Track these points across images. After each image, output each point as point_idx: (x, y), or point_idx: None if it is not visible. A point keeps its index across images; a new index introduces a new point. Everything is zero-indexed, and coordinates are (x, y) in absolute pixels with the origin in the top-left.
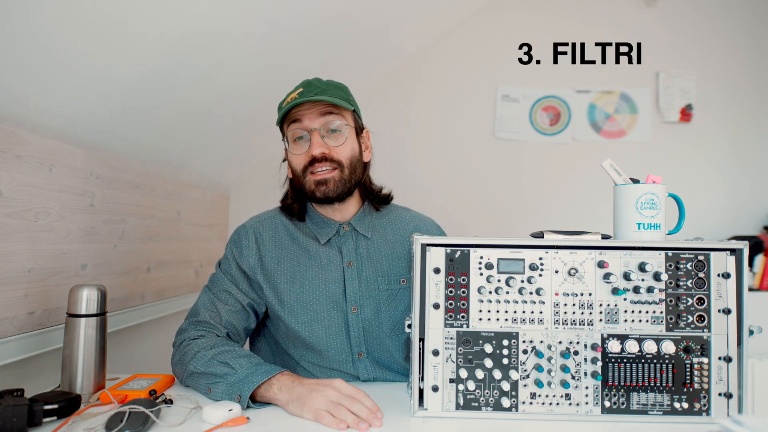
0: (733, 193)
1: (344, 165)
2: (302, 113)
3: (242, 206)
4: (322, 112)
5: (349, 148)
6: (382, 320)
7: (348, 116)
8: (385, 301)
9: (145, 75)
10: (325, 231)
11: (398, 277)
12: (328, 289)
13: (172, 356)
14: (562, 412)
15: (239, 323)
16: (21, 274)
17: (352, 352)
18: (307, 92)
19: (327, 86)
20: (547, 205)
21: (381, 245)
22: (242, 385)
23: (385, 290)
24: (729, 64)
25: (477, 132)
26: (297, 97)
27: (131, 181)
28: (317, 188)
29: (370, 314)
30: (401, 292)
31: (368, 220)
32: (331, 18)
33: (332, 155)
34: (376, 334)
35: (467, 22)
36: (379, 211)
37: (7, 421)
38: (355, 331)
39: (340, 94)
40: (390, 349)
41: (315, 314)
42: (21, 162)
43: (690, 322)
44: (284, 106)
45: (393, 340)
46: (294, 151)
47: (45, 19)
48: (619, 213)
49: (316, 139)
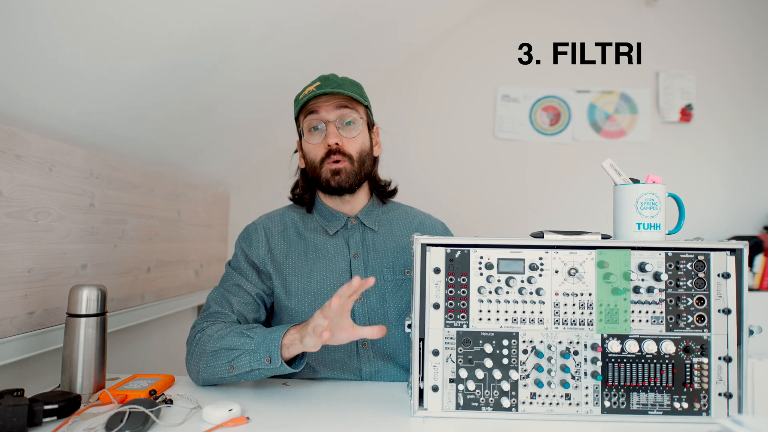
0: (733, 193)
1: (354, 158)
2: (319, 105)
3: (242, 206)
4: (338, 105)
5: (360, 141)
6: (387, 310)
7: (362, 111)
8: (390, 291)
9: (145, 75)
10: (334, 223)
11: (403, 268)
12: (335, 279)
13: (186, 354)
14: (562, 412)
15: (249, 314)
16: (21, 274)
17: (357, 342)
18: (325, 85)
19: (343, 81)
20: (547, 205)
21: (387, 238)
22: (268, 344)
23: (390, 280)
24: (729, 64)
25: (477, 132)
26: (314, 90)
27: (131, 181)
28: (332, 178)
29: (375, 304)
30: (406, 282)
31: (375, 214)
32: (331, 19)
33: (344, 148)
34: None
35: (467, 22)
36: (385, 204)
37: (7, 421)
38: (360, 321)
39: (355, 89)
40: (395, 339)
41: (320, 304)
42: (21, 162)
43: (690, 322)
44: (302, 99)
45: (398, 330)
46: (310, 141)
47: (45, 19)
48: (619, 213)
49: (332, 130)
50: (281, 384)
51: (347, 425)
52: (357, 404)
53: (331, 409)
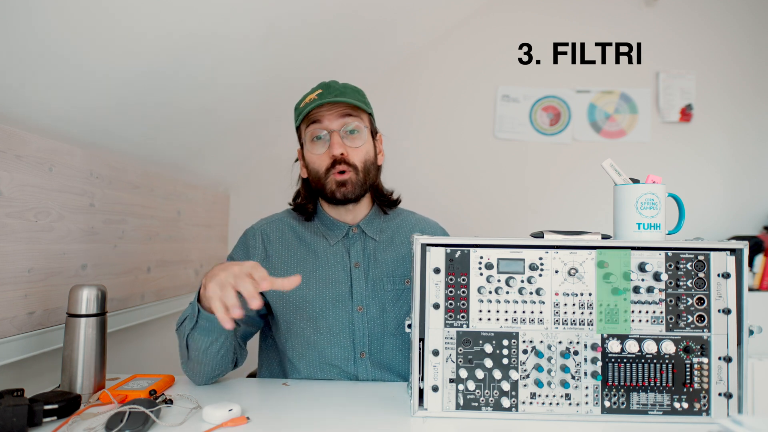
0: (733, 193)
1: (359, 168)
2: (322, 114)
3: (242, 206)
4: (342, 113)
5: (365, 150)
6: (387, 320)
7: (365, 119)
8: (390, 300)
9: (145, 75)
10: (335, 232)
11: (403, 278)
12: (334, 289)
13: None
14: (562, 412)
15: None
16: (21, 274)
17: (355, 351)
18: (327, 94)
19: (345, 88)
20: (547, 205)
21: (387, 248)
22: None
23: (390, 290)
24: (729, 64)
25: (477, 132)
26: (316, 98)
27: (131, 181)
28: (338, 189)
29: (375, 314)
30: (406, 292)
31: (377, 223)
32: (330, 19)
33: (349, 159)
34: (380, 333)
35: (467, 22)
36: (387, 214)
37: (7, 421)
38: (360, 330)
39: (357, 96)
40: (393, 349)
41: (319, 312)
42: (21, 162)
43: (690, 322)
44: (303, 107)
45: (397, 339)
46: (313, 151)
47: (45, 19)
48: (619, 213)
49: (336, 140)
50: (281, 384)
51: (347, 425)
52: (357, 404)
53: (331, 409)
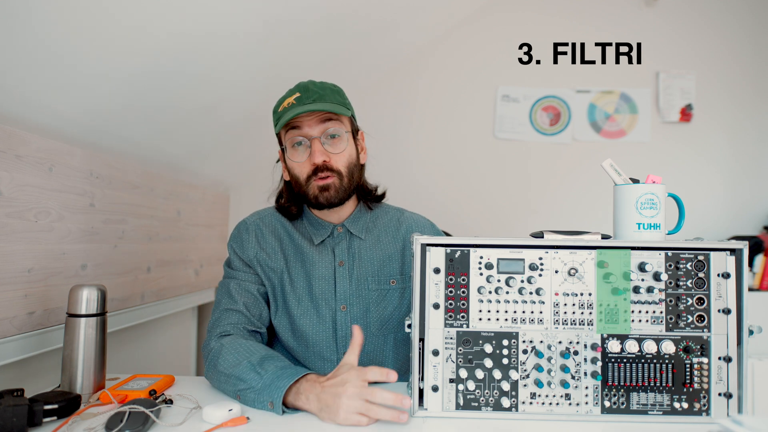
0: (733, 193)
1: (343, 174)
2: (301, 119)
3: (242, 206)
4: (322, 118)
5: (347, 154)
6: (370, 320)
7: (346, 121)
8: (374, 301)
9: (145, 75)
10: (320, 232)
11: (388, 278)
12: (318, 287)
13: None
14: (562, 412)
15: (254, 310)
16: (21, 274)
17: (338, 350)
18: (305, 98)
19: (324, 90)
20: (547, 205)
21: (373, 246)
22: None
23: (375, 290)
24: (729, 64)
25: (477, 132)
26: (294, 102)
27: (131, 181)
28: (320, 194)
29: (358, 313)
30: (390, 292)
31: (362, 221)
32: (331, 19)
33: (332, 165)
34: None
35: (467, 22)
36: (372, 210)
37: (7, 421)
38: (342, 329)
39: (337, 98)
40: (374, 350)
41: (305, 309)
42: (21, 162)
43: (690, 322)
44: (281, 112)
45: (379, 340)
46: (294, 158)
47: (45, 19)
48: (619, 213)
49: (317, 147)
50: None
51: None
52: None
53: None
